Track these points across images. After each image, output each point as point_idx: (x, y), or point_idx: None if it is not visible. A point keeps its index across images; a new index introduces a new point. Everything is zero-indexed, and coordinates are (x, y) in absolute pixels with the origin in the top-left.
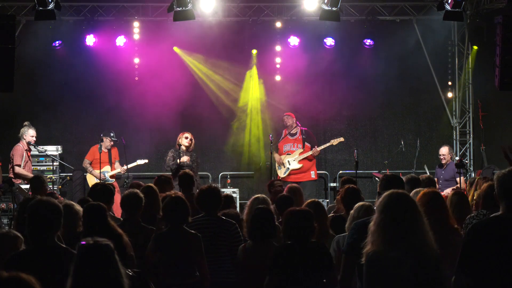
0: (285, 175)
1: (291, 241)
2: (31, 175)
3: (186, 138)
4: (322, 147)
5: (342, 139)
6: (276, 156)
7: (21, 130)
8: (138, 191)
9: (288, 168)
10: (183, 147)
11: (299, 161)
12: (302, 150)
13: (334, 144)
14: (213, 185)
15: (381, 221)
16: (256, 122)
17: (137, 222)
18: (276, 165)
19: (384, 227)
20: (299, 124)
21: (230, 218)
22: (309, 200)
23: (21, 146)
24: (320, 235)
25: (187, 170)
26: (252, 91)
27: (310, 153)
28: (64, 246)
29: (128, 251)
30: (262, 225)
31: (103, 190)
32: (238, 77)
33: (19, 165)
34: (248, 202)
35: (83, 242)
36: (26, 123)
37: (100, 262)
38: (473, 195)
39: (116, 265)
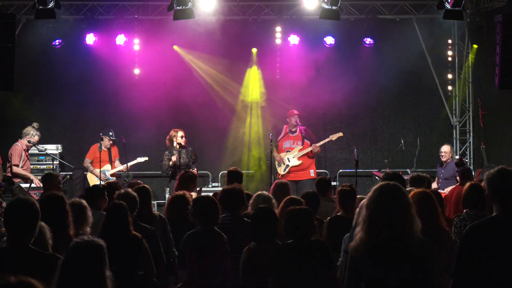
0: (284, 172)
1: (292, 240)
2: (29, 174)
3: (182, 137)
4: (321, 142)
5: (341, 134)
6: (276, 154)
7: (27, 129)
8: (130, 190)
9: (287, 165)
10: (176, 146)
11: (299, 158)
12: (301, 147)
13: (333, 139)
14: (237, 185)
15: (366, 215)
16: (256, 121)
17: (133, 221)
18: (276, 163)
19: (368, 221)
20: (299, 123)
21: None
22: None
23: (19, 146)
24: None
25: (189, 171)
26: (252, 89)
27: (310, 149)
28: (38, 250)
29: (146, 257)
30: (264, 225)
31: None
32: (238, 76)
33: (17, 165)
34: (251, 200)
35: (77, 240)
36: (34, 124)
37: (88, 260)
38: None
39: (102, 267)
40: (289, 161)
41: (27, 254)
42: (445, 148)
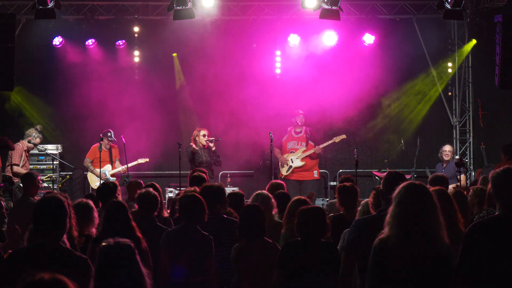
0: (287, 173)
1: (301, 238)
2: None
3: (205, 136)
4: (324, 144)
5: (344, 136)
6: (278, 153)
7: (30, 131)
8: (152, 189)
9: (290, 166)
10: (200, 145)
11: (302, 159)
12: (305, 148)
13: (336, 141)
14: (218, 183)
15: (397, 213)
16: (256, 121)
17: (153, 221)
18: (279, 163)
19: (399, 218)
20: (304, 123)
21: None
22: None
23: (20, 146)
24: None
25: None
26: (252, 90)
27: (312, 151)
28: (68, 249)
29: (145, 257)
30: (251, 223)
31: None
32: (238, 76)
33: (17, 165)
34: (249, 200)
35: (104, 243)
36: (38, 126)
37: (121, 262)
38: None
39: (137, 265)
40: (292, 162)
41: (59, 252)
42: (449, 148)
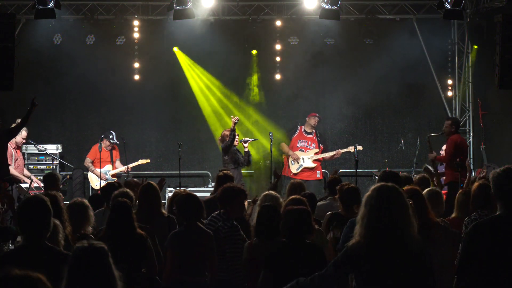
0: (297, 171)
1: (287, 240)
2: (21, 176)
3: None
4: (343, 150)
5: (360, 147)
6: (288, 149)
7: (13, 126)
8: (128, 190)
9: (301, 165)
10: (236, 143)
11: (313, 161)
12: (317, 150)
13: (351, 151)
14: (239, 184)
15: (364, 213)
16: (256, 121)
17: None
18: (290, 160)
19: (367, 218)
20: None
21: None
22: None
23: (8, 146)
24: None
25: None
26: (252, 90)
27: (333, 153)
28: (54, 247)
29: (149, 256)
30: (267, 223)
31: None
32: (238, 76)
33: (9, 165)
34: (258, 200)
35: (78, 245)
36: (18, 120)
37: (93, 264)
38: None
39: (109, 269)
40: (303, 161)
41: (44, 251)
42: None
